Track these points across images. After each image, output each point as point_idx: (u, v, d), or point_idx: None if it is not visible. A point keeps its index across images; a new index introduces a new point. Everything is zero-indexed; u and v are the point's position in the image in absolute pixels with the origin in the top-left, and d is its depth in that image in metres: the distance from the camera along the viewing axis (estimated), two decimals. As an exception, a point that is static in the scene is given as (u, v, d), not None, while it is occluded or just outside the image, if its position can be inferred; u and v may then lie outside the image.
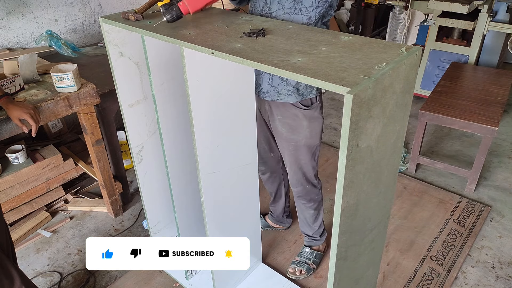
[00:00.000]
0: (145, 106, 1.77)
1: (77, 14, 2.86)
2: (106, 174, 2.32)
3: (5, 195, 2.19)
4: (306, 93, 1.66)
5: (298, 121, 1.71)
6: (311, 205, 1.97)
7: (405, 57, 1.03)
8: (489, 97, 2.75)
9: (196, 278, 2.04)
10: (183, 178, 1.80)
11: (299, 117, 1.70)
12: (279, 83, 1.64)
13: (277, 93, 1.66)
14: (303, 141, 1.75)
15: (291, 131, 1.74)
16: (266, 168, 2.08)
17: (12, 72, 2.04)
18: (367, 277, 1.46)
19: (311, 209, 1.98)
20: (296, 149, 1.78)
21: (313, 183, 1.90)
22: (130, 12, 1.39)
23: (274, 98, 1.68)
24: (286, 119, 1.72)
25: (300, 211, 2.04)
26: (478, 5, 3.14)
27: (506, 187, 2.68)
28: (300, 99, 1.66)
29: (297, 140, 1.75)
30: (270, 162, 2.05)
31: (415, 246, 2.24)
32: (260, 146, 1.99)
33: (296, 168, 1.85)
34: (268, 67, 1.01)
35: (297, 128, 1.72)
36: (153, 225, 2.01)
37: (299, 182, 1.88)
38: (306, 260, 2.08)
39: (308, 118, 1.70)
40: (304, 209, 2.00)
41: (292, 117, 1.71)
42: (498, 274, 2.08)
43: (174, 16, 1.31)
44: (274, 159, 2.03)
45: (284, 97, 1.66)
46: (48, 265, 2.18)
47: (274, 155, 2.01)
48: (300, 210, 2.03)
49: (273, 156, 2.01)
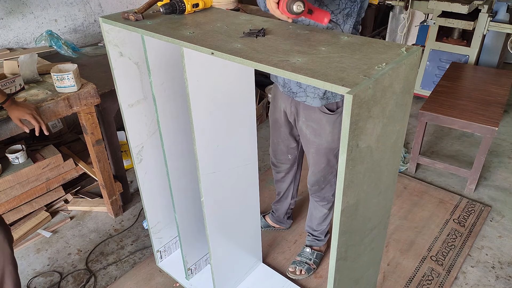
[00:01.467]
0: (145, 106, 1.77)
1: (77, 14, 2.86)
2: (106, 174, 2.32)
3: (5, 195, 2.19)
4: (331, 97, 1.64)
5: (321, 125, 1.70)
6: (324, 204, 1.97)
7: (405, 57, 1.03)
8: (489, 97, 2.75)
9: (196, 278, 2.04)
10: (183, 178, 1.80)
11: (323, 122, 1.69)
12: (307, 85, 1.63)
13: (306, 95, 1.65)
14: (325, 145, 1.74)
15: (314, 134, 1.74)
16: (282, 168, 2.08)
17: (12, 72, 2.04)
18: (367, 277, 1.46)
19: (324, 208, 1.99)
20: (318, 152, 1.78)
21: (330, 184, 1.90)
22: (130, 12, 1.39)
23: (303, 100, 1.67)
24: (310, 122, 1.72)
25: (313, 208, 2.04)
26: (478, 5, 3.14)
27: (506, 187, 2.68)
28: (325, 103, 1.64)
29: (320, 143, 1.75)
30: (286, 163, 2.05)
31: (415, 246, 2.24)
32: (277, 147, 1.99)
33: (315, 170, 1.85)
34: (268, 67, 1.01)
35: (320, 132, 1.72)
36: (153, 225, 2.01)
37: (316, 182, 1.89)
38: (306, 260, 2.08)
39: (331, 123, 1.68)
40: (316, 206, 2.00)
41: (316, 121, 1.70)
42: (498, 274, 2.08)
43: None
44: (291, 160, 2.03)
45: (310, 100, 1.65)
46: (48, 265, 2.18)
47: (291, 156, 2.01)
48: (313, 207, 2.04)
49: (290, 157, 2.01)
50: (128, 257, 2.22)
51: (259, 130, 3.33)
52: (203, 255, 2.05)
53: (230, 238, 1.78)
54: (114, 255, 2.23)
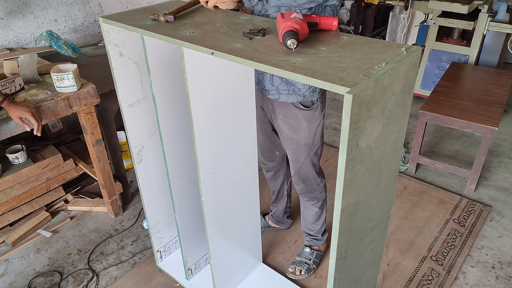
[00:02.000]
0: (145, 106, 1.78)
1: (77, 14, 2.86)
2: (106, 174, 2.32)
3: (5, 195, 2.19)
4: (308, 96, 1.65)
5: (298, 121, 1.71)
6: (314, 202, 1.97)
7: (405, 57, 1.03)
8: (489, 97, 2.75)
9: (196, 278, 2.04)
10: (183, 178, 1.80)
11: (299, 118, 1.70)
12: (279, 83, 1.64)
13: (278, 93, 1.66)
14: (303, 141, 1.75)
15: (292, 130, 1.74)
16: (271, 166, 2.08)
17: (12, 72, 2.04)
18: (367, 277, 1.46)
19: (314, 207, 1.98)
20: (297, 148, 1.78)
21: (316, 181, 1.90)
22: (160, 13, 1.38)
23: (275, 97, 1.68)
24: (287, 118, 1.73)
25: (304, 209, 2.04)
26: (478, 5, 3.14)
27: (506, 187, 2.68)
28: (301, 100, 1.66)
29: (298, 139, 1.75)
30: (275, 160, 2.05)
31: (415, 246, 2.24)
32: (264, 145, 1.99)
33: (297, 166, 1.85)
34: (268, 67, 1.01)
35: (297, 128, 1.73)
36: (153, 225, 2.01)
37: (301, 180, 1.89)
38: (306, 260, 2.08)
39: (307, 119, 1.70)
40: (307, 206, 2.00)
41: (293, 117, 1.71)
42: (498, 274, 2.08)
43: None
44: (279, 157, 2.03)
45: (284, 96, 1.66)
46: (48, 265, 2.18)
47: (278, 153, 2.01)
48: (304, 208, 2.04)
49: (277, 154, 2.01)
50: (128, 257, 2.22)
51: (259, 130, 3.33)
52: (203, 255, 2.05)
53: (230, 238, 1.78)
54: (114, 255, 2.23)
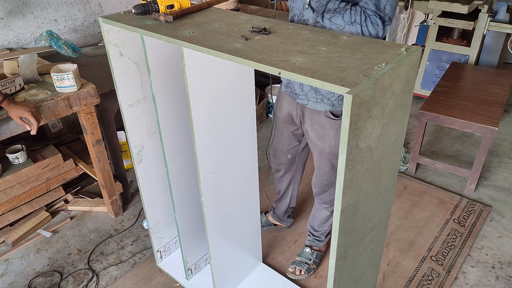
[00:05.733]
0: (145, 106, 1.78)
1: (77, 14, 2.86)
2: (106, 174, 2.32)
3: (5, 195, 2.19)
4: (337, 105, 1.63)
5: (325, 130, 1.70)
6: (327, 206, 1.97)
7: (405, 57, 1.03)
8: (489, 97, 2.75)
9: (196, 278, 2.04)
10: (183, 178, 1.80)
11: (327, 127, 1.68)
12: (308, 90, 1.63)
13: (307, 99, 1.65)
14: (328, 150, 1.74)
15: (318, 137, 1.74)
16: (281, 167, 2.08)
17: (12, 72, 2.04)
18: (367, 277, 1.46)
19: (327, 210, 1.98)
20: (321, 155, 1.78)
21: (334, 187, 1.89)
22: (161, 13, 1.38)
23: (304, 103, 1.67)
24: (314, 125, 1.72)
25: (316, 209, 2.04)
26: (478, 5, 3.14)
27: (506, 187, 2.68)
28: (330, 109, 1.64)
29: (323, 147, 1.75)
30: (286, 163, 2.05)
31: (415, 246, 2.24)
32: (278, 146, 1.99)
33: (318, 173, 1.85)
34: (268, 67, 1.01)
35: (323, 136, 1.72)
36: (153, 225, 2.01)
37: (319, 185, 1.89)
38: (306, 260, 2.08)
39: (335, 129, 1.68)
40: (319, 208, 2.00)
41: (320, 125, 1.70)
42: (498, 274, 2.08)
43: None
44: (289, 161, 2.03)
45: (313, 104, 1.65)
46: (48, 265, 2.18)
47: (290, 157, 2.01)
48: (316, 209, 2.04)
49: (289, 157, 2.01)
50: (128, 257, 2.22)
51: (259, 130, 3.33)
52: (203, 255, 2.05)
53: (230, 238, 1.78)
54: (114, 255, 2.23)
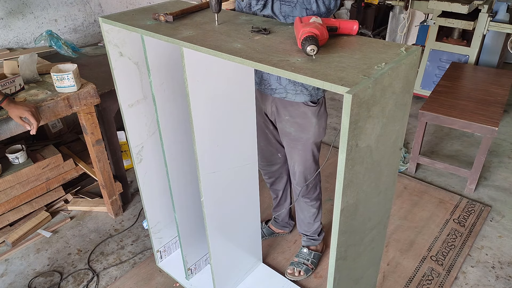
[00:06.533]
0: (145, 106, 1.78)
1: (77, 14, 2.86)
2: (106, 174, 2.32)
3: (5, 195, 2.19)
4: (314, 94, 1.66)
5: (307, 119, 1.70)
6: (313, 203, 1.97)
7: (405, 57, 1.03)
8: (489, 97, 2.75)
9: (196, 278, 2.04)
10: (183, 178, 1.80)
11: (308, 115, 1.69)
12: (287, 83, 1.64)
13: (285, 92, 1.65)
14: (312, 139, 1.75)
15: (301, 130, 1.73)
16: (274, 170, 2.06)
17: (12, 72, 2.04)
18: (367, 277, 1.46)
19: (313, 208, 1.98)
20: (305, 148, 1.78)
21: (315, 180, 1.91)
22: (161, 13, 1.38)
23: (282, 96, 1.67)
24: (295, 118, 1.72)
25: (301, 211, 2.03)
26: (478, 5, 3.14)
27: (506, 187, 2.68)
28: (309, 99, 1.66)
29: (307, 138, 1.75)
30: (278, 164, 2.03)
31: (415, 246, 2.24)
32: (266, 149, 1.98)
33: (302, 168, 1.84)
34: (268, 67, 1.01)
35: (306, 126, 1.72)
36: (153, 225, 2.01)
37: (305, 180, 1.88)
38: (304, 261, 2.08)
39: (316, 115, 1.70)
40: (306, 208, 2.00)
41: (302, 116, 1.70)
42: (498, 274, 2.08)
43: None
44: (282, 159, 2.02)
45: (292, 96, 1.65)
46: (48, 265, 2.18)
47: (281, 155, 2.00)
48: (301, 210, 2.03)
49: (280, 156, 2.00)
50: (128, 257, 2.22)
51: (259, 130, 3.33)
52: (203, 255, 2.05)
53: (230, 238, 1.78)
54: (114, 255, 2.23)
